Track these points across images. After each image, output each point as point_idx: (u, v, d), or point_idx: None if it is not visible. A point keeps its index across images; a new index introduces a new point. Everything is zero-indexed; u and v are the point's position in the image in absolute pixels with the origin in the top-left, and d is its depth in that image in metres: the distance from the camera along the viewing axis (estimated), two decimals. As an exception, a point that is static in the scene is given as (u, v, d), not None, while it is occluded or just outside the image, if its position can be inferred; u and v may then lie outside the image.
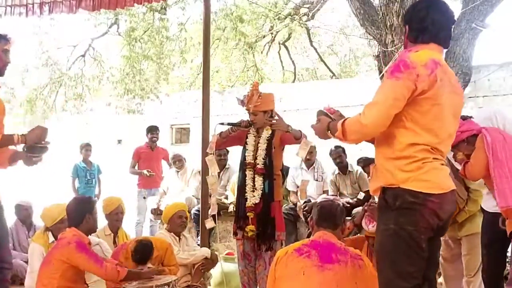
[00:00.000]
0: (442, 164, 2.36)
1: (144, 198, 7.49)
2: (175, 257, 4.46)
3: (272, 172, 3.79)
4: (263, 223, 3.75)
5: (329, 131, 2.40)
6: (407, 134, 2.29)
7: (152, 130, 7.67)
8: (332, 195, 6.11)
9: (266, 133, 3.87)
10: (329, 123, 2.41)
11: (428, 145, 2.29)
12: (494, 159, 3.10)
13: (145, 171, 7.42)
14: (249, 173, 3.81)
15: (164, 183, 7.17)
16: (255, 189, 3.76)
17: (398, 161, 2.30)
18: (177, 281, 4.01)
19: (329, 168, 6.39)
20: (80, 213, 3.72)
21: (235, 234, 3.90)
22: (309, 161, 6.20)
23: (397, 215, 2.29)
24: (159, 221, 6.83)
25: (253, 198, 3.76)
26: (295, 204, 6.04)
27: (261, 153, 3.82)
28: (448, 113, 2.34)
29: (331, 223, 3.05)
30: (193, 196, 6.53)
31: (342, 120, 2.34)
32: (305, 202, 5.94)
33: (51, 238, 4.33)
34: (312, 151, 6.19)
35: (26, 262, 4.80)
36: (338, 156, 6.18)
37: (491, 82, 8.69)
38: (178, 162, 7.01)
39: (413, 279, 2.31)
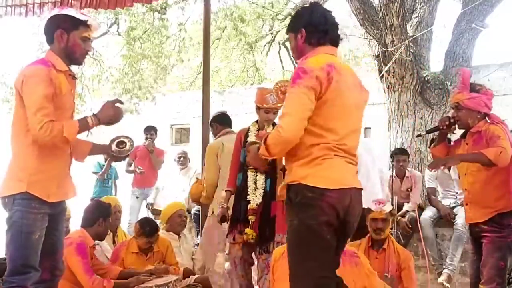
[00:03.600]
0: (348, 162, 2.44)
1: (137, 197, 7.46)
2: (175, 255, 4.47)
3: (275, 169, 3.56)
4: (262, 223, 3.55)
5: (260, 154, 2.50)
6: (310, 136, 2.39)
7: (148, 130, 7.64)
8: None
9: (268, 130, 3.80)
10: (258, 148, 2.53)
11: (330, 143, 2.39)
12: None
13: (136, 168, 7.39)
14: (251, 174, 3.62)
15: (162, 180, 7.15)
16: (257, 188, 3.58)
17: (299, 160, 2.41)
18: (177, 281, 4.02)
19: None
20: (94, 215, 3.83)
21: (233, 239, 3.62)
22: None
23: (298, 210, 2.38)
24: (158, 221, 6.83)
25: (255, 198, 3.57)
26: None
27: None
28: (349, 111, 2.45)
29: None
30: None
31: (264, 137, 2.45)
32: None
33: None
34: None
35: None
36: None
37: (491, 82, 8.67)
38: (183, 159, 7.01)
39: (320, 272, 2.35)
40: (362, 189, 2.51)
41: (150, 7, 10.02)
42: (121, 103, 2.85)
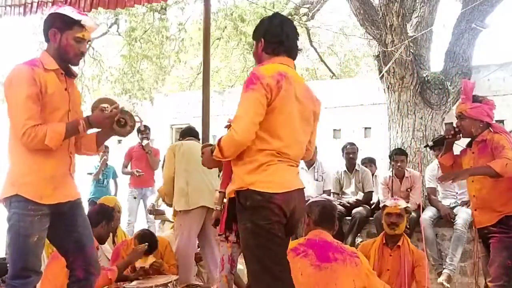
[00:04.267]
0: (290, 165, 2.58)
1: (135, 198, 7.46)
2: (174, 255, 4.48)
3: None
4: None
5: (213, 155, 2.61)
6: (257, 141, 2.50)
7: (143, 129, 7.59)
8: (334, 193, 6.12)
9: None
10: (210, 150, 2.64)
11: (275, 150, 2.52)
12: None
13: (134, 171, 7.38)
14: None
15: (161, 181, 7.14)
16: None
17: (246, 166, 2.53)
18: (177, 281, 4.02)
19: (331, 167, 6.38)
20: (98, 217, 3.87)
21: (226, 237, 3.54)
22: (310, 161, 6.19)
23: (250, 214, 2.51)
24: (158, 221, 6.83)
25: None
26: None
27: None
28: (296, 121, 2.57)
29: (331, 223, 3.09)
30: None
31: (218, 140, 2.55)
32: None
33: None
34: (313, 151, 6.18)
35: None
36: (353, 152, 6.21)
37: (491, 82, 8.69)
38: None
39: (277, 267, 2.51)
40: (304, 188, 2.67)
41: (150, 7, 10.03)
42: (117, 108, 2.72)
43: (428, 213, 5.52)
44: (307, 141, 2.71)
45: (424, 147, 4.50)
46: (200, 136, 4.90)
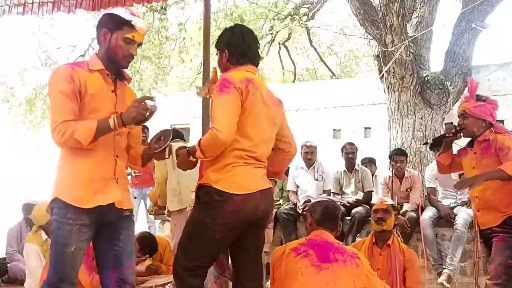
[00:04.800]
0: (256, 167, 2.71)
1: (135, 198, 7.45)
2: (173, 255, 4.48)
3: None
4: None
5: (190, 156, 2.71)
6: (232, 141, 2.63)
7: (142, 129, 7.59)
8: (334, 193, 6.12)
9: None
10: (187, 151, 2.74)
11: (244, 150, 2.66)
12: None
13: (132, 172, 7.37)
14: None
15: None
16: None
17: (213, 164, 2.67)
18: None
19: (331, 167, 6.39)
20: None
21: None
22: (310, 161, 6.19)
23: (202, 208, 2.69)
24: (158, 221, 6.83)
25: None
26: (295, 204, 6.04)
27: None
28: (263, 122, 2.73)
29: (333, 224, 3.09)
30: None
31: (197, 141, 2.66)
32: (305, 202, 5.94)
33: (44, 236, 4.33)
34: (313, 151, 6.19)
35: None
36: (352, 152, 6.21)
37: (491, 82, 8.70)
38: None
39: (197, 261, 2.68)
40: (269, 188, 2.78)
41: (150, 7, 10.03)
42: (152, 99, 2.61)
43: (428, 213, 5.51)
44: (273, 141, 2.85)
45: (423, 144, 4.51)
46: (200, 136, 4.92)
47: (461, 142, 3.72)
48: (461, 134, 3.60)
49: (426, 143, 4.98)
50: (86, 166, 2.48)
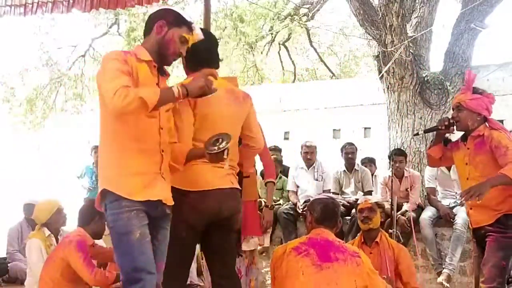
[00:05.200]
0: (217, 167, 2.70)
1: None
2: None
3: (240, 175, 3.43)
4: None
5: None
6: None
7: None
8: (334, 193, 6.13)
9: None
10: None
11: None
12: None
13: None
14: None
15: None
16: None
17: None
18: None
19: (331, 167, 6.40)
20: (90, 213, 3.77)
21: None
22: (310, 161, 6.21)
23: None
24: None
25: None
26: (295, 204, 6.05)
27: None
28: (219, 122, 2.75)
29: (333, 222, 3.09)
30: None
31: None
32: (305, 202, 5.96)
33: (47, 232, 4.33)
34: (313, 151, 6.20)
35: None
36: (352, 152, 6.22)
37: (490, 82, 8.70)
38: None
39: (174, 266, 2.66)
40: (232, 188, 2.79)
41: (150, 7, 10.03)
42: (215, 78, 2.52)
43: (428, 213, 5.53)
44: (236, 140, 2.84)
45: (414, 135, 4.42)
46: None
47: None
48: (454, 127, 3.46)
49: (417, 134, 4.91)
50: (135, 159, 2.42)
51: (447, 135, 3.65)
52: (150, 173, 2.47)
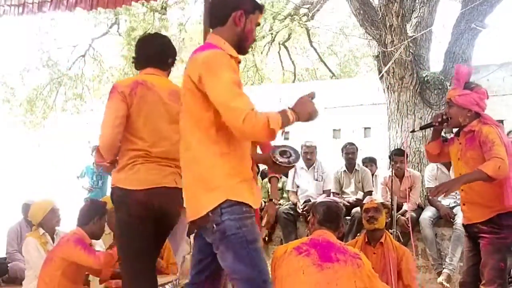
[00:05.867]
0: (161, 165, 2.81)
1: None
2: (173, 254, 4.49)
3: None
4: None
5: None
6: (126, 142, 2.82)
7: None
8: (334, 193, 6.13)
9: None
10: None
11: (140, 150, 2.79)
12: (509, 155, 3.16)
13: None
14: None
15: None
16: None
17: (118, 166, 2.85)
18: (177, 281, 4.03)
19: (331, 167, 6.40)
20: (89, 213, 3.81)
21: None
22: (309, 161, 6.21)
23: (116, 208, 2.87)
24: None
25: None
26: (295, 204, 6.05)
27: None
28: (159, 120, 2.84)
29: (335, 224, 3.10)
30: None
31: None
32: (305, 202, 5.96)
33: (42, 231, 4.33)
34: (312, 151, 6.20)
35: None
36: (352, 152, 6.22)
37: (490, 82, 8.69)
38: None
39: (135, 259, 2.80)
40: (176, 187, 2.79)
41: (150, 7, 10.04)
42: (314, 97, 2.29)
43: (428, 213, 5.53)
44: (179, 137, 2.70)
45: (411, 132, 4.40)
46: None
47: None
48: (448, 123, 3.45)
49: (413, 131, 4.88)
50: (242, 166, 2.29)
51: (442, 133, 3.65)
52: (251, 178, 2.36)
